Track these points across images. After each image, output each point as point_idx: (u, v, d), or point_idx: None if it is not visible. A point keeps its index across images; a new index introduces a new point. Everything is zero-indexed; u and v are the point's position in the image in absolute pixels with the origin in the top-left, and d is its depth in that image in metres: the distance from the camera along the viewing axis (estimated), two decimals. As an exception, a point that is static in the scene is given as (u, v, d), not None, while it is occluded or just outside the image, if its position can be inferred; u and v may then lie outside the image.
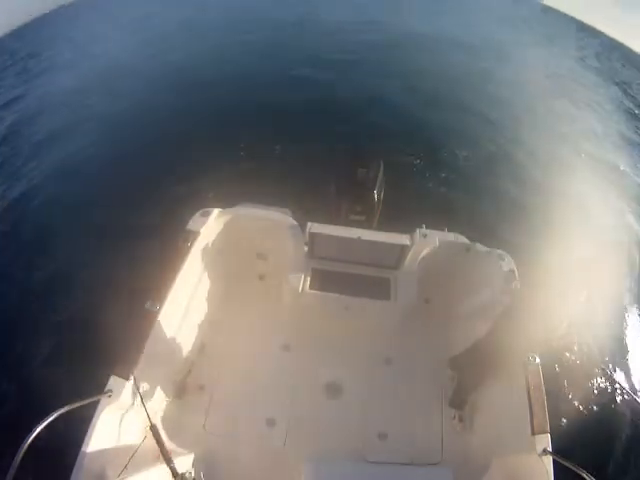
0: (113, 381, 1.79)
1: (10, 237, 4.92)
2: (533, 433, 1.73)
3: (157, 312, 2.05)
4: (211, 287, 2.74)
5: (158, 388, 2.17)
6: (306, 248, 2.64)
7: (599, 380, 3.30)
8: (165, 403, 2.25)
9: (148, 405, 2.06)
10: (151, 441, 1.96)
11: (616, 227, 5.20)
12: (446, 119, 6.87)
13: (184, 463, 1.92)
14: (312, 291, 2.58)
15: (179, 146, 5.70)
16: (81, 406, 1.60)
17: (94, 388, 1.76)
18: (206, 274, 2.68)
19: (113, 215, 4.62)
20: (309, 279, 2.62)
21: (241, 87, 7.84)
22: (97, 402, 1.71)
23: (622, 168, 6.69)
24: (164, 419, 2.18)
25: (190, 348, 2.51)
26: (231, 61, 9.45)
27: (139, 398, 1.95)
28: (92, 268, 3.85)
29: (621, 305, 3.83)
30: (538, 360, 1.97)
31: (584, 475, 1.47)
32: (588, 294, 3.82)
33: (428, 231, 2.63)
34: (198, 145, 5.87)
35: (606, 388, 3.28)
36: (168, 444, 2.01)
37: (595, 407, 3.14)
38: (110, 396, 1.75)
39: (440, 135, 6.37)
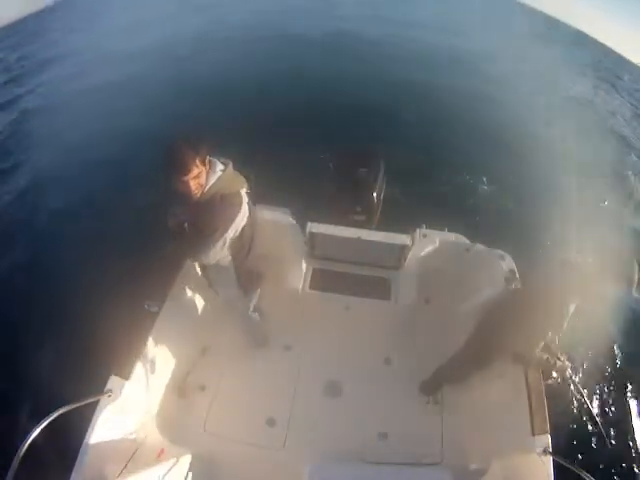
0: (113, 381, 1.79)
1: (10, 236, 4.92)
2: (533, 433, 1.74)
3: (157, 312, 2.06)
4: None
5: (158, 388, 2.17)
6: (306, 248, 2.64)
7: (600, 379, 3.30)
8: (165, 403, 2.25)
9: (148, 405, 2.07)
10: (151, 441, 1.96)
11: (618, 227, 5.19)
12: (449, 119, 6.86)
13: (184, 463, 1.92)
14: (312, 291, 2.58)
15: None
16: (81, 406, 1.60)
17: (94, 388, 1.76)
18: None
19: (113, 215, 4.62)
20: (309, 279, 2.62)
21: (240, 87, 7.83)
22: (97, 402, 1.71)
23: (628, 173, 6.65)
24: (164, 419, 2.18)
25: (190, 348, 2.51)
26: (229, 59, 9.44)
27: (139, 398, 1.95)
28: (92, 267, 3.85)
29: (623, 304, 3.81)
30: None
31: (584, 475, 1.47)
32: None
33: (428, 231, 2.63)
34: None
35: (607, 387, 3.27)
36: (168, 444, 2.02)
37: (595, 407, 3.14)
38: (110, 396, 1.74)
39: (441, 135, 6.36)
